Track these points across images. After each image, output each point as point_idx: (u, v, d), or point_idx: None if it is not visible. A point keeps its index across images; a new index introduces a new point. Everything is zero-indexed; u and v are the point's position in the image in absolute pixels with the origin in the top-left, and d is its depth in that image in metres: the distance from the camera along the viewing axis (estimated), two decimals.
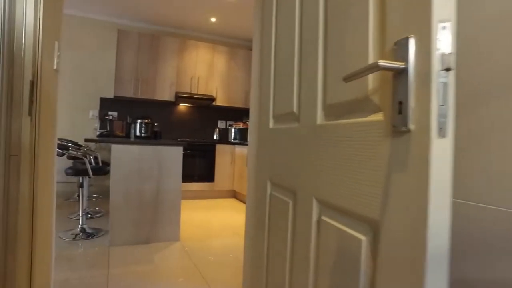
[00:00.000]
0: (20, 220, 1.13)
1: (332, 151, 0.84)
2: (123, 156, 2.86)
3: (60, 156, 2.95)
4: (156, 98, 5.22)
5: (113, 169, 2.84)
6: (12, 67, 1.11)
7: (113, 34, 5.25)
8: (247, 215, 1.76)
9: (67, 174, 2.97)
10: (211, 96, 5.51)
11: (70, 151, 3.14)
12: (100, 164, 3.74)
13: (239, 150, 5.19)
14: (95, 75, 5.21)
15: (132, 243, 2.93)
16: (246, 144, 5.01)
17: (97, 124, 5.13)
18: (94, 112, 5.17)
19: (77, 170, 2.96)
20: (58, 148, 2.85)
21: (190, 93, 5.40)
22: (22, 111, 1.13)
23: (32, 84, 1.16)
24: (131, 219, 2.92)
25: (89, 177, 3.01)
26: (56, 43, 1.64)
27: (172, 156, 3.04)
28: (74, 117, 5.09)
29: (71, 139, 4.08)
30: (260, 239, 1.35)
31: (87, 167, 2.93)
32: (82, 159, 3.02)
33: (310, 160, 0.94)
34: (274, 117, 1.28)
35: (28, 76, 1.14)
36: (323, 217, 0.88)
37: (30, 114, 1.15)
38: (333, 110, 0.87)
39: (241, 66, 5.79)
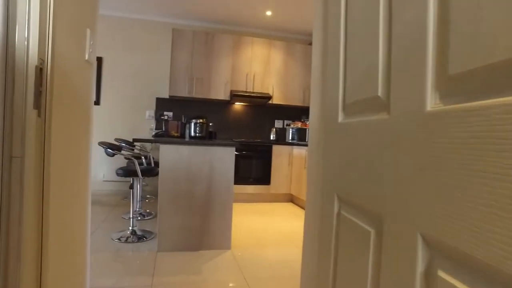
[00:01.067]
0: (25, 233, 0.92)
1: (462, 157, 0.47)
2: (172, 157, 2.68)
3: (111, 156, 2.87)
4: (211, 97, 5.08)
5: (161, 170, 2.67)
6: (13, 47, 0.89)
7: (168, 34, 5.23)
8: (305, 232, 1.41)
9: (117, 174, 2.88)
10: (268, 94, 5.23)
11: (122, 152, 3.06)
12: (153, 164, 3.65)
13: (297, 151, 4.83)
14: (151, 75, 5.23)
15: (181, 249, 2.74)
16: (305, 145, 4.63)
17: (153, 124, 5.14)
18: (150, 112, 5.19)
19: (127, 171, 2.86)
20: (109, 148, 2.77)
21: (246, 92, 5.17)
22: (26, 103, 0.91)
23: (40, 71, 0.94)
24: (179, 223, 2.73)
25: (140, 178, 2.90)
26: (88, 31, 1.46)
27: (224, 157, 2.79)
28: (132, 118, 5.15)
29: (128, 140, 4.07)
30: (324, 266, 1.00)
31: (137, 168, 2.80)
32: (135, 159, 2.91)
33: (410, 170, 0.57)
34: (344, 108, 0.92)
35: (33, 60, 0.92)
36: (441, 273, 0.50)
37: (36, 107, 0.94)
38: (462, 85, 0.49)
39: (299, 62, 5.43)
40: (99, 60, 5.03)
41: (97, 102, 5.04)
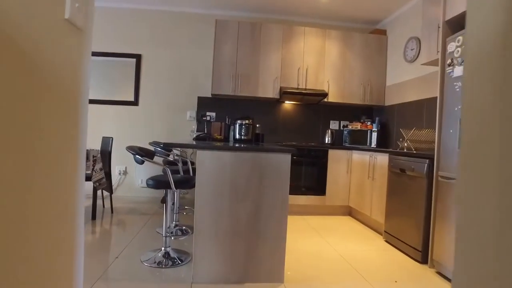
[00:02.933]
0: None
1: None
2: (212, 166, 2.13)
3: (140, 164, 2.39)
4: (258, 95, 4.52)
5: (198, 182, 2.13)
6: None
7: (210, 27, 4.76)
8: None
9: (148, 185, 2.39)
10: (322, 91, 4.55)
11: (154, 159, 2.57)
12: (191, 173, 3.14)
13: (358, 157, 4.10)
14: (192, 73, 4.79)
15: (221, 281, 2.17)
16: (366, 150, 3.88)
17: (194, 126, 4.69)
18: (191, 113, 4.75)
19: (159, 182, 2.36)
20: (138, 155, 2.29)
21: (297, 89, 4.54)
22: None
23: None
24: (220, 249, 2.16)
25: (173, 191, 2.39)
26: None
27: (278, 166, 2.19)
28: (171, 119, 4.75)
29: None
30: None
31: (169, 178, 2.29)
32: (167, 167, 2.40)
33: None
34: None
35: None
36: None
37: None
38: None
39: (358, 53, 4.69)
40: (138, 57, 4.69)
41: (135, 103, 4.70)
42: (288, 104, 4.94)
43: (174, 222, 3.35)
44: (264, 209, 2.18)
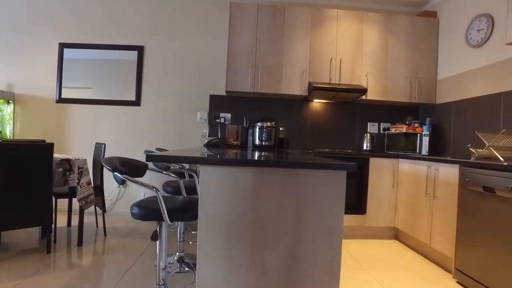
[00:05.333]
0: None
1: None
2: (222, 189, 1.38)
3: (120, 184, 1.66)
4: (281, 92, 3.75)
5: (202, 217, 1.37)
6: None
7: (223, 12, 4.05)
8: None
9: (132, 215, 1.65)
10: (361, 86, 3.74)
11: (133, 176, 1.84)
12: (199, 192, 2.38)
13: (407, 167, 3.26)
14: (203, 67, 4.07)
15: None
16: (417, 158, 3.04)
17: (205, 130, 3.96)
18: (202, 114, 4.02)
19: (147, 211, 1.61)
20: (116, 170, 1.54)
21: (330, 84, 3.75)
22: None
23: None
24: None
25: (166, 223, 1.63)
26: None
27: (325, 191, 1.40)
28: (179, 121, 4.03)
29: (171, 149, 2.90)
30: None
31: (161, 205, 1.53)
32: (156, 192, 1.65)
33: None
34: None
35: None
36: None
37: None
38: None
39: (402, 40, 3.86)
40: (140, 49, 4.01)
41: (136, 103, 4.01)
42: (317, 103, 4.15)
43: (177, 254, 2.60)
44: (305, 259, 1.40)
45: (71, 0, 4.03)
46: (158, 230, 1.71)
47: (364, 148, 4.00)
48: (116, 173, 1.54)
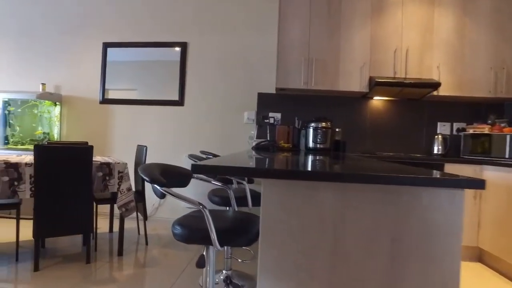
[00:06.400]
0: None
1: None
2: (292, 210, 1.02)
3: (161, 198, 1.37)
4: (338, 88, 3.33)
5: (264, 249, 1.03)
6: None
7: (272, 3, 3.70)
8: None
9: (175, 236, 1.35)
10: (431, 80, 3.22)
11: (170, 187, 1.55)
12: (250, 204, 2.04)
13: (494, 175, 2.70)
14: (251, 63, 3.76)
15: None
16: (509, 165, 2.47)
17: (253, 131, 3.63)
18: (249, 114, 3.70)
19: (191, 232, 1.29)
20: (155, 182, 1.25)
21: (395, 78, 3.27)
22: None
23: None
24: None
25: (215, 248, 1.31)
26: None
27: (435, 215, 1.00)
28: (224, 122, 3.74)
29: (218, 154, 2.62)
30: None
31: (209, 227, 1.21)
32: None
33: None
34: None
35: None
36: None
37: None
38: None
39: (483, 22, 3.27)
40: (183, 46, 3.78)
41: (180, 102, 3.79)
42: (377, 101, 3.66)
43: (223, 272, 2.29)
44: None
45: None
46: (205, 254, 1.39)
47: (435, 151, 3.45)
48: (155, 185, 1.24)
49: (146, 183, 2.97)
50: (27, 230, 3.07)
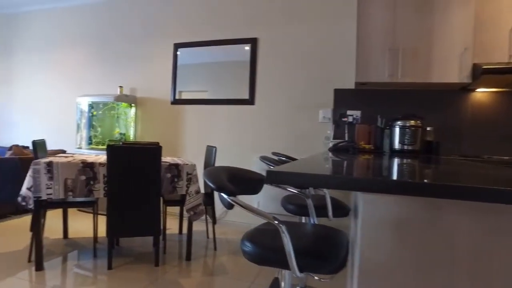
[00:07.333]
0: None
1: None
2: (401, 234, 0.71)
3: (229, 209, 1.14)
4: (431, 80, 2.83)
5: (361, 281, 0.73)
6: None
7: None
8: None
9: (244, 253, 1.12)
10: None
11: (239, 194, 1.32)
12: (331, 215, 1.73)
13: None
14: (325, 56, 3.41)
15: None
16: None
17: (329, 131, 3.29)
18: (325, 112, 3.35)
19: (267, 252, 1.05)
20: (223, 190, 1.03)
21: (509, 63, 2.67)
22: None
23: None
24: None
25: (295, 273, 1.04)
26: None
27: None
28: (297, 121, 3.46)
29: (291, 156, 2.37)
30: None
31: (287, 251, 0.95)
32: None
33: None
34: None
35: None
36: None
37: None
38: None
39: None
40: (253, 42, 3.59)
41: (250, 101, 3.60)
42: (481, 94, 3.05)
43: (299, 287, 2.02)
44: None
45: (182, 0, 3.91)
46: (279, 277, 1.13)
47: None
48: (223, 194, 1.03)
49: None
50: (105, 226, 3.16)
